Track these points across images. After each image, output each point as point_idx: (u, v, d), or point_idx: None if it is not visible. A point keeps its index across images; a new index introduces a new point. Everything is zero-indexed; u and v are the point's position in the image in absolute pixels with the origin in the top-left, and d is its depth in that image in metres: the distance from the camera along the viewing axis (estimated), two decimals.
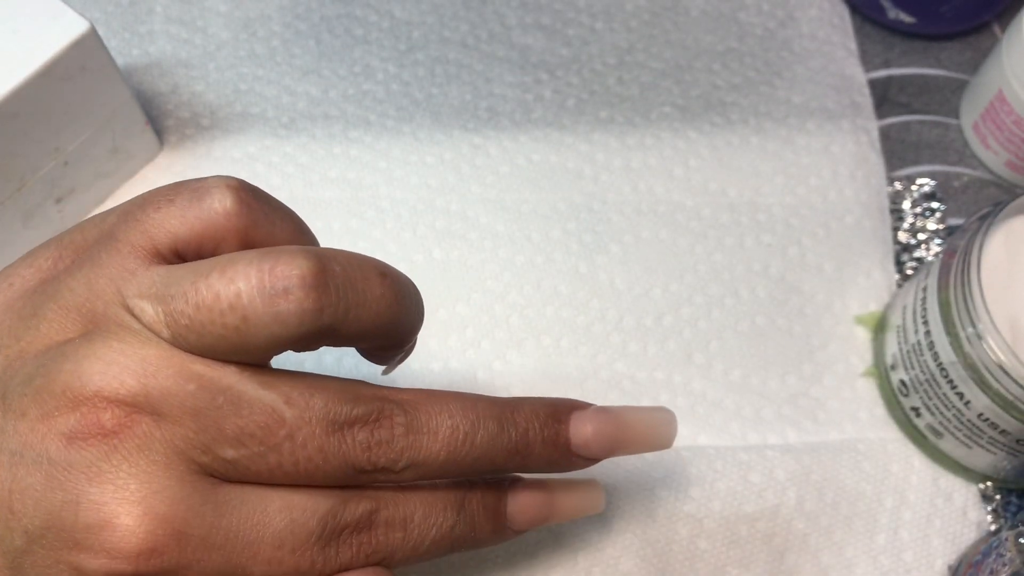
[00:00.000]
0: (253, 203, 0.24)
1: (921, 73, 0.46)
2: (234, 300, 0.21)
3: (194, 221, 0.23)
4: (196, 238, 0.23)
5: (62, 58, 0.34)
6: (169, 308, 0.22)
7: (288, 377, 0.23)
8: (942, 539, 0.36)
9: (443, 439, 0.24)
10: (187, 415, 0.22)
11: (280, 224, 0.24)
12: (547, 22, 0.46)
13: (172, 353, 0.22)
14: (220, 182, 0.23)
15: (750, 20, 0.47)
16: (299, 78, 0.44)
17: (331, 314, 0.22)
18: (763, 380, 0.39)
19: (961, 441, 0.35)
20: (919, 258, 0.42)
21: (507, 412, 0.26)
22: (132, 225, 0.23)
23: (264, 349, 0.22)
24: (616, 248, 0.41)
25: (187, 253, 0.23)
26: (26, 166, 0.36)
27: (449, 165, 0.42)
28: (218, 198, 0.23)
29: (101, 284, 0.23)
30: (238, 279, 0.21)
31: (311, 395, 0.23)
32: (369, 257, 0.24)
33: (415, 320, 0.25)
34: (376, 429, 0.23)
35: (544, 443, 0.26)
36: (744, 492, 0.36)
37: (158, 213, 0.23)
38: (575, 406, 0.27)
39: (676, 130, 0.44)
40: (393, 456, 0.24)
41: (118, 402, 0.22)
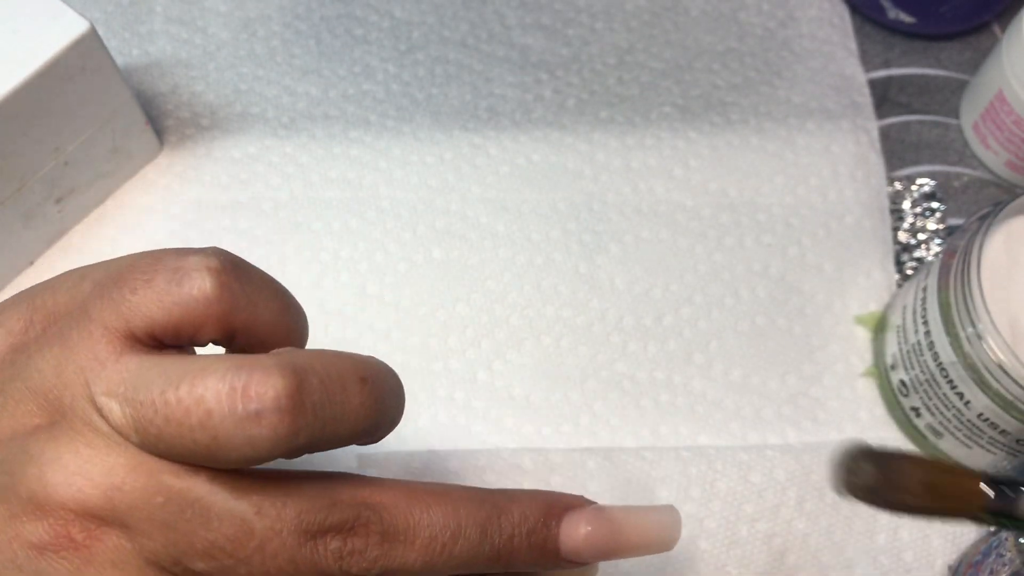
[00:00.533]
0: (234, 285, 0.22)
1: (921, 73, 0.46)
2: (204, 419, 0.20)
3: (172, 307, 0.22)
4: (173, 324, 0.22)
5: (62, 58, 0.34)
6: (137, 414, 0.21)
7: (261, 482, 0.22)
8: (942, 539, 0.36)
9: (420, 548, 0.23)
10: (156, 528, 0.21)
11: (264, 304, 0.23)
12: (547, 22, 0.46)
13: (140, 460, 0.21)
14: (201, 263, 0.22)
15: (750, 20, 0.47)
16: (299, 78, 0.44)
17: (306, 435, 0.21)
18: (763, 380, 0.39)
19: (961, 441, 0.35)
20: (919, 258, 0.42)
21: (494, 517, 0.24)
22: (107, 304, 0.22)
23: (235, 465, 0.21)
24: (616, 248, 0.41)
25: (164, 337, 0.22)
26: (26, 166, 0.36)
27: (449, 165, 0.42)
28: (198, 284, 0.22)
29: (69, 372, 0.22)
30: (208, 396, 0.20)
31: (284, 504, 0.22)
32: (350, 359, 0.23)
33: (395, 418, 0.24)
34: (350, 538, 0.22)
35: (530, 548, 0.24)
36: (744, 492, 0.36)
37: (135, 296, 0.22)
38: (571, 505, 0.25)
39: (676, 130, 0.44)
40: (366, 565, 0.22)
41: (84, 514, 0.21)
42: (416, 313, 0.39)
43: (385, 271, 0.40)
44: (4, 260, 0.38)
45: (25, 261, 0.39)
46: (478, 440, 0.37)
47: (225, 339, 0.23)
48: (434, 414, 0.38)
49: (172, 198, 0.41)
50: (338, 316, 0.39)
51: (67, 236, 0.40)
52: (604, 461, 0.36)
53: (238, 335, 0.23)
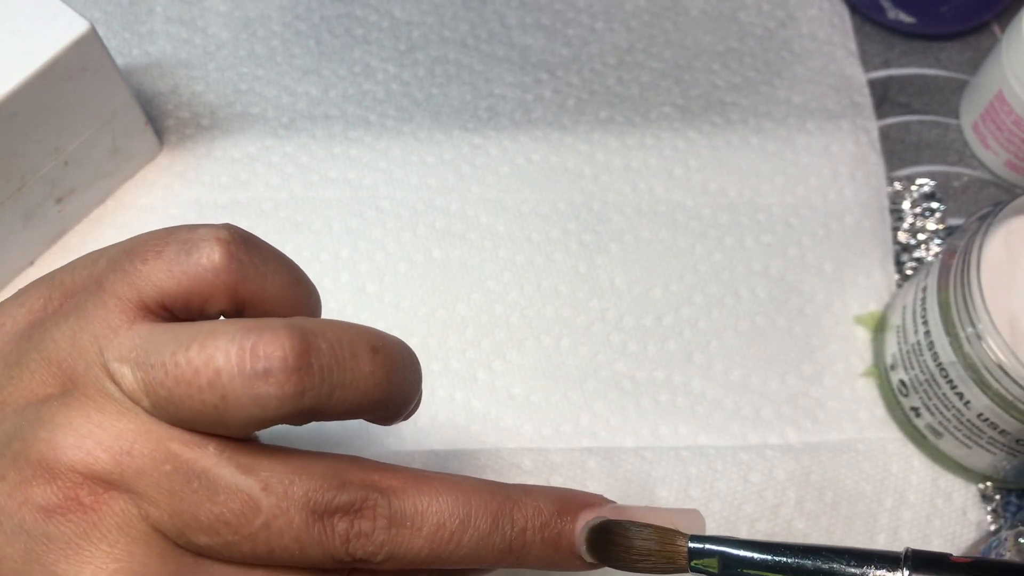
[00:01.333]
0: (244, 256, 0.23)
1: (921, 73, 0.46)
2: (213, 378, 0.21)
3: (181, 276, 0.22)
4: (184, 293, 0.22)
5: (62, 58, 0.34)
6: (148, 377, 0.21)
7: (271, 458, 0.22)
8: (942, 539, 0.36)
9: (427, 535, 0.23)
10: (162, 496, 0.21)
11: (272, 277, 0.23)
12: (547, 22, 0.46)
13: (150, 427, 0.22)
14: (210, 234, 0.23)
15: (750, 20, 0.47)
16: (299, 78, 0.44)
17: (313, 397, 0.21)
18: (763, 380, 0.39)
19: (961, 441, 0.35)
20: (919, 258, 0.42)
21: (506, 507, 0.24)
22: (120, 276, 0.22)
23: (243, 427, 0.21)
24: (616, 248, 0.41)
25: (175, 307, 0.23)
26: (26, 166, 0.36)
27: (449, 165, 0.42)
28: (206, 253, 0.22)
29: (84, 341, 0.22)
30: (218, 356, 0.21)
31: (292, 482, 0.22)
32: (363, 329, 0.23)
33: (409, 392, 0.24)
34: (357, 520, 0.22)
35: (544, 543, 0.24)
36: (744, 492, 0.36)
37: (145, 266, 0.22)
38: (587, 502, 0.25)
39: (676, 130, 0.44)
40: (372, 549, 0.23)
41: (93, 478, 0.21)
42: (416, 313, 0.39)
43: (385, 271, 0.40)
44: (4, 260, 0.38)
45: (25, 261, 0.39)
46: (478, 440, 0.37)
47: (235, 311, 0.23)
48: (434, 414, 0.38)
49: (172, 198, 0.41)
50: (338, 316, 0.39)
51: (67, 236, 0.40)
52: (604, 461, 0.36)
53: (247, 307, 0.23)
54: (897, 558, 0.23)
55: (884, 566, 0.23)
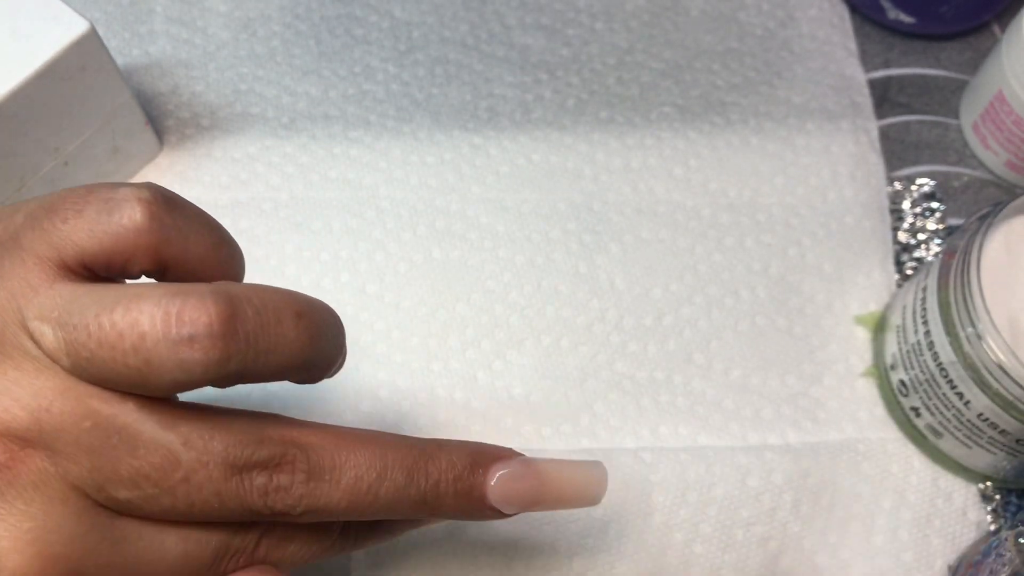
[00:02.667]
0: (165, 218, 0.23)
1: (921, 73, 0.46)
2: (137, 342, 0.21)
3: (102, 236, 0.22)
4: (104, 253, 0.22)
5: (62, 58, 0.34)
6: (70, 337, 0.21)
7: (190, 415, 0.22)
8: (942, 539, 0.36)
9: (345, 488, 0.23)
10: (81, 452, 0.21)
11: (196, 238, 0.23)
12: (547, 22, 0.46)
13: (69, 384, 0.21)
14: (131, 194, 0.22)
15: (750, 20, 0.47)
16: (299, 78, 0.44)
17: (238, 362, 0.21)
18: (763, 380, 0.39)
19: (961, 441, 0.35)
20: (919, 258, 0.42)
21: (420, 461, 0.24)
22: (39, 235, 0.22)
23: (166, 390, 0.21)
24: (616, 248, 0.41)
25: (95, 267, 0.22)
26: (26, 166, 0.36)
27: (449, 165, 0.42)
28: (127, 213, 0.22)
29: (1, 299, 0.22)
30: (143, 320, 0.21)
31: (211, 437, 0.22)
32: (287, 293, 0.23)
33: (332, 355, 0.24)
34: (276, 474, 0.23)
35: (457, 495, 0.25)
36: (741, 496, 0.36)
37: (65, 225, 0.22)
38: (499, 456, 0.26)
39: (676, 130, 0.44)
40: (291, 502, 0.23)
41: (9, 435, 0.21)
42: (416, 313, 0.39)
43: (385, 271, 0.40)
44: None
45: None
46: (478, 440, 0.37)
47: (157, 271, 0.23)
48: (434, 414, 0.38)
49: None
50: None
51: None
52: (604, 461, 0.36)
53: (170, 268, 0.23)
54: None
55: None
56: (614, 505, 0.36)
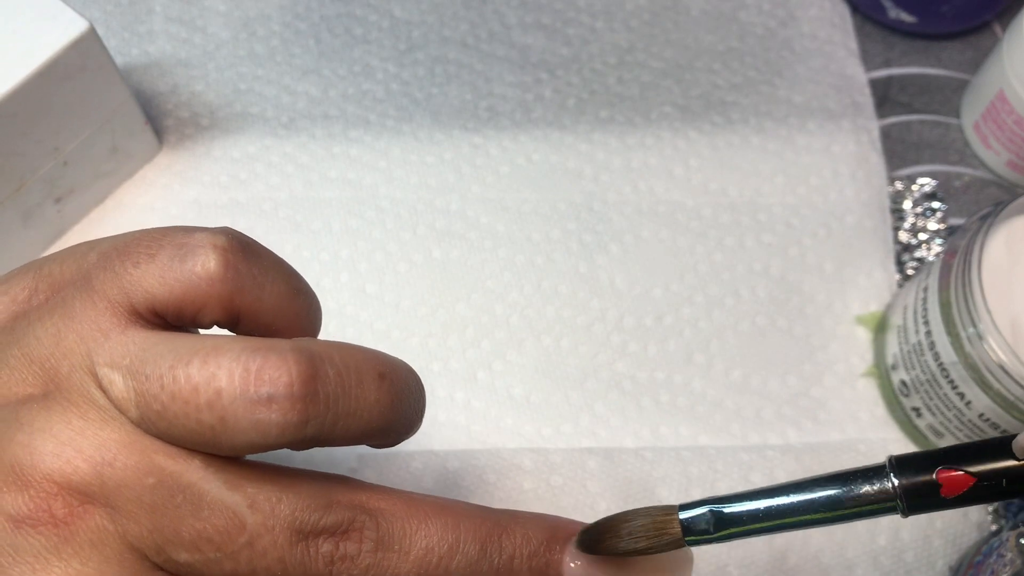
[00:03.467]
0: (241, 266, 0.22)
1: (922, 73, 0.46)
2: (213, 399, 0.20)
3: (174, 284, 0.21)
4: (176, 301, 0.21)
5: (62, 58, 0.34)
6: (142, 388, 0.20)
7: (258, 475, 0.21)
8: (943, 540, 0.36)
9: (414, 560, 0.22)
10: (143, 511, 0.20)
11: (271, 287, 0.22)
12: (547, 22, 0.46)
13: (134, 439, 0.21)
14: (207, 240, 0.22)
15: (750, 20, 0.47)
16: (299, 78, 0.44)
17: (316, 426, 0.20)
18: (764, 380, 0.39)
19: (962, 441, 0.35)
20: (920, 258, 0.42)
21: (494, 534, 0.23)
22: (110, 277, 0.21)
23: (238, 451, 0.21)
24: (616, 248, 0.41)
25: (166, 314, 0.22)
26: (25, 166, 0.36)
27: (449, 165, 0.42)
28: (201, 261, 0.21)
29: (70, 341, 0.21)
30: (221, 375, 0.20)
31: (279, 499, 0.21)
32: (371, 354, 0.22)
33: (413, 420, 0.23)
34: (343, 542, 0.22)
35: (531, 572, 0.24)
36: None
37: (137, 269, 0.21)
38: (576, 531, 0.24)
39: (676, 130, 0.44)
40: (357, 573, 0.22)
41: (70, 489, 0.20)
42: (416, 313, 0.39)
43: (385, 271, 0.40)
44: (4, 260, 0.38)
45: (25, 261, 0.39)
46: (478, 440, 0.37)
47: (229, 321, 0.22)
48: (434, 414, 0.38)
49: (171, 198, 0.41)
50: (338, 316, 0.39)
51: (67, 236, 0.40)
52: (604, 461, 0.36)
53: (243, 318, 0.22)
54: (881, 467, 0.23)
55: (872, 479, 0.23)
56: (618, 500, 0.36)
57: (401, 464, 0.36)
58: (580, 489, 0.36)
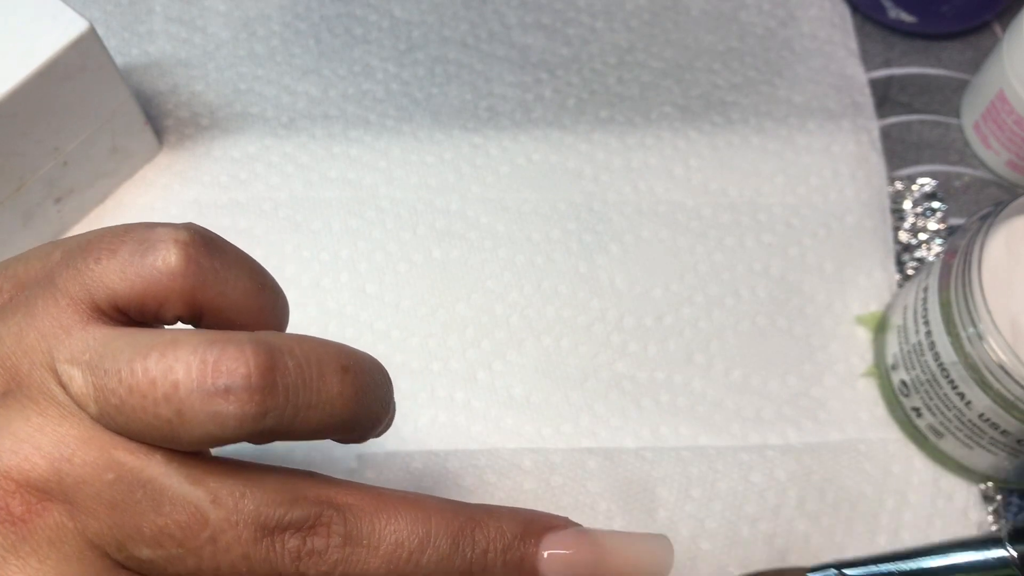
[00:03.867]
0: (203, 260, 0.21)
1: (922, 73, 0.46)
2: (170, 391, 0.20)
3: (134, 279, 0.21)
4: (137, 297, 0.21)
5: (61, 58, 0.34)
6: (100, 382, 0.20)
7: (221, 470, 0.21)
8: (943, 539, 0.36)
9: (384, 554, 0.22)
10: (103, 507, 0.20)
11: (235, 283, 0.22)
12: (547, 21, 0.46)
13: (94, 434, 0.20)
14: (168, 235, 0.21)
15: (750, 19, 0.47)
16: (299, 78, 0.44)
17: (275, 418, 0.20)
18: (764, 380, 0.39)
19: (962, 441, 0.35)
20: (920, 258, 0.42)
21: (467, 528, 0.23)
22: (72, 274, 0.21)
23: (197, 444, 0.20)
24: (616, 248, 0.41)
25: (128, 311, 0.21)
26: (25, 166, 0.36)
27: (449, 165, 0.42)
28: (163, 255, 0.21)
29: (31, 339, 0.21)
30: (178, 368, 0.20)
31: (242, 495, 0.21)
32: (333, 346, 0.22)
33: (379, 414, 0.23)
34: (310, 537, 0.21)
35: (506, 566, 0.23)
36: (745, 492, 0.36)
37: (98, 265, 0.21)
38: (551, 525, 0.24)
39: (676, 130, 0.44)
40: (325, 569, 0.21)
41: (28, 486, 0.20)
42: (416, 313, 0.39)
43: (385, 271, 0.40)
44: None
45: None
46: (478, 440, 0.37)
47: (192, 317, 0.22)
48: (434, 414, 0.38)
49: (171, 198, 0.41)
50: (338, 316, 0.39)
51: (66, 236, 0.40)
52: (604, 461, 0.36)
53: (206, 313, 0.22)
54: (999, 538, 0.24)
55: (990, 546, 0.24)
56: (618, 500, 0.36)
57: (401, 464, 0.36)
58: (580, 489, 0.36)
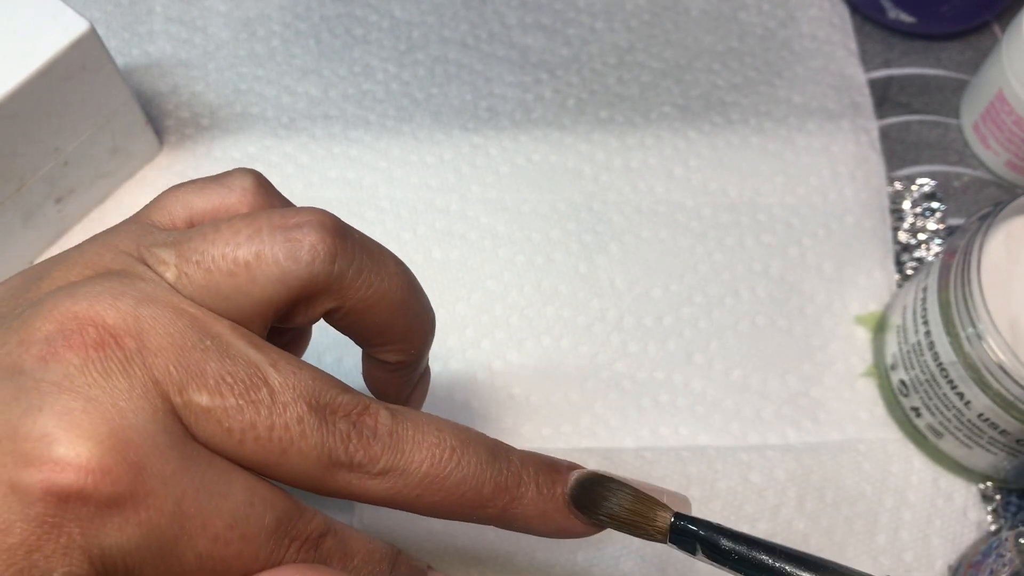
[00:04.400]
0: (272, 189, 0.24)
1: (921, 73, 0.46)
2: (252, 234, 0.22)
3: (211, 195, 0.24)
4: (212, 210, 0.24)
5: (62, 58, 0.34)
6: (183, 249, 0.22)
7: (280, 351, 0.22)
8: (942, 539, 0.36)
9: (428, 448, 0.23)
10: (172, 348, 0.21)
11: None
12: (547, 22, 0.46)
13: (171, 295, 0.22)
14: (242, 169, 0.25)
15: (750, 20, 0.47)
16: (299, 78, 0.44)
17: (344, 263, 0.22)
18: (763, 380, 0.39)
19: (961, 441, 0.35)
20: (919, 258, 0.42)
21: (502, 448, 0.24)
22: (149, 206, 0.24)
23: (272, 290, 0.22)
24: (616, 248, 0.41)
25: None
26: (26, 166, 0.36)
27: (449, 165, 0.42)
28: (238, 177, 0.24)
29: (118, 239, 0.23)
30: (259, 219, 0.22)
31: (300, 368, 0.22)
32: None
33: (426, 320, 0.25)
34: (359, 420, 0.22)
35: (539, 489, 0.24)
36: (745, 492, 0.36)
37: (177, 190, 0.24)
38: (575, 466, 0.26)
39: (676, 130, 0.44)
40: (372, 454, 0.22)
41: (105, 326, 0.20)
42: None
43: None
44: (4, 260, 0.38)
45: (25, 261, 0.39)
46: None
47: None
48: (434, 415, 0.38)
49: None
50: None
51: (67, 236, 0.40)
52: (604, 461, 0.36)
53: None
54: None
55: None
56: None
57: None
58: None
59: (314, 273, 0.22)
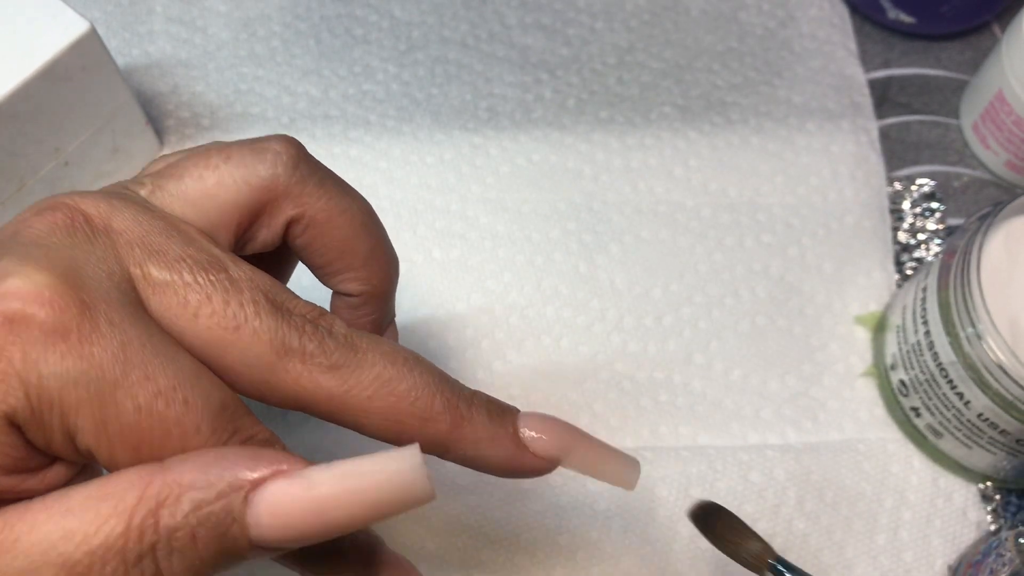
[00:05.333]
0: (310, 157, 0.26)
1: (921, 73, 0.46)
2: (223, 148, 0.24)
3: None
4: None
5: (62, 58, 0.34)
6: (160, 172, 0.24)
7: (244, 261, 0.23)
8: (942, 539, 0.36)
9: (382, 354, 0.23)
10: (138, 231, 0.22)
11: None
12: (547, 22, 0.46)
13: (145, 201, 0.23)
14: (279, 140, 0.26)
15: (750, 20, 0.47)
16: (299, 78, 0.44)
17: (306, 169, 0.25)
18: (763, 380, 0.39)
19: (961, 441, 0.35)
20: (919, 258, 0.42)
21: (454, 381, 0.24)
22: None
23: (235, 191, 0.23)
24: (616, 248, 0.41)
25: None
26: (26, 166, 0.36)
27: (449, 165, 0.42)
28: (275, 142, 0.25)
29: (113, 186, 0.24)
30: (232, 144, 0.25)
31: (260, 272, 0.23)
32: None
33: (388, 251, 0.26)
34: (316, 320, 0.22)
35: (490, 417, 0.24)
36: (744, 492, 0.36)
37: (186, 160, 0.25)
38: (530, 412, 0.25)
39: (676, 130, 0.44)
40: (326, 347, 0.22)
41: (78, 208, 0.22)
42: (416, 313, 0.39)
43: None
44: None
45: None
46: None
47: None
48: None
49: None
50: None
51: None
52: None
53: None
54: None
55: None
56: (617, 499, 0.36)
57: None
58: (579, 488, 0.36)
59: (276, 174, 0.24)
